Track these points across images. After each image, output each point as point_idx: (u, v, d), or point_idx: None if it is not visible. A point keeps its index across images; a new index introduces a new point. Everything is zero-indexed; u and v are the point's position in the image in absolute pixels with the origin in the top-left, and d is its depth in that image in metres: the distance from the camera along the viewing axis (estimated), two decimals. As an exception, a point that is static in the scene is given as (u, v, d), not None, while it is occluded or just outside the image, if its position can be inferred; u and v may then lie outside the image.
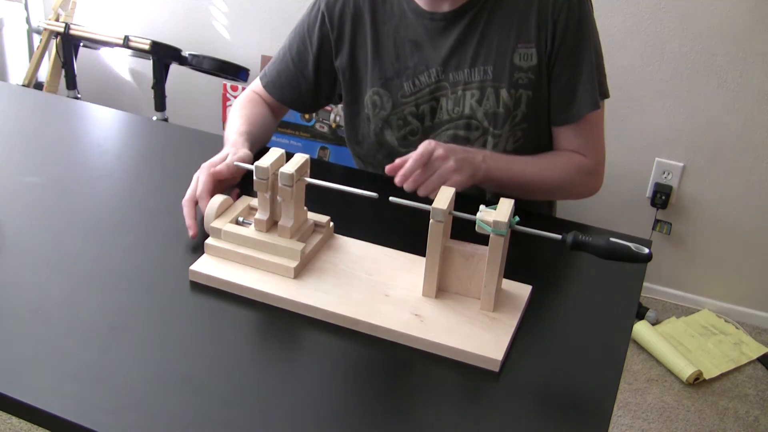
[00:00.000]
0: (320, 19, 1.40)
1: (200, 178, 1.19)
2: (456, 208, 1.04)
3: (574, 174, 1.40)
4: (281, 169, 1.07)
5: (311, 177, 1.11)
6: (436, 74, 1.36)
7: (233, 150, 1.24)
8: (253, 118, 1.41)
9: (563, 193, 1.45)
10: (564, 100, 1.36)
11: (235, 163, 1.19)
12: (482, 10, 1.34)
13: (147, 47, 2.53)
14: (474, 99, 1.35)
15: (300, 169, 1.08)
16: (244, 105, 1.46)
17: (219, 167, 1.19)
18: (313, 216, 1.16)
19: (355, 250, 1.15)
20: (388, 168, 1.20)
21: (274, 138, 2.59)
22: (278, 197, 1.10)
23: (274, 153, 1.10)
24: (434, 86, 1.37)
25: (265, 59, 2.70)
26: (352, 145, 1.51)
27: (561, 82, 1.35)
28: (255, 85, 1.52)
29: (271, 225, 1.12)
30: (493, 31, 1.34)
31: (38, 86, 2.83)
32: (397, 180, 1.20)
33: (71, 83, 2.75)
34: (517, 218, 1.01)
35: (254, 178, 1.08)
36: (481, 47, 1.34)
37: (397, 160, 1.20)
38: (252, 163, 1.09)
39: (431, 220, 1.01)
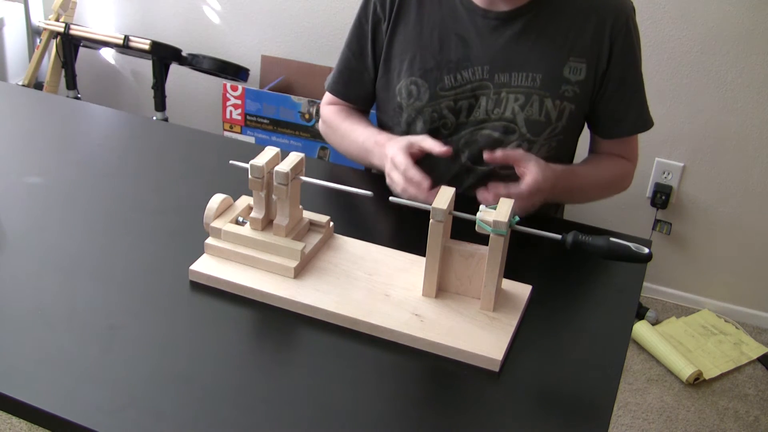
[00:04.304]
0: (372, 8, 1.40)
1: (398, 160, 1.24)
2: (456, 208, 1.04)
3: (620, 180, 1.47)
4: (276, 168, 1.07)
5: (309, 176, 1.11)
6: (480, 72, 1.35)
7: (397, 139, 1.30)
8: (360, 118, 1.47)
9: (606, 196, 1.49)
10: (616, 116, 1.39)
11: (230, 162, 1.18)
12: (538, 16, 1.33)
13: (147, 47, 2.53)
14: (518, 103, 1.34)
15: (295, 168, 1.08)
16: (339, 117, 1.48)
17: (419, 145, 1.26)
18: (312, 216, 1.16)
19: (355, 250, 1.15)
20: (490, 155, 1.24)
21: (274, 138, 2.60)
22: (273, 196, 1.10)
23: (270, 152, 1.10)
24: (477, 84, 1.35)
25: (265, 59, 2.70)
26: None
27: (614, 101, 1.38)
28: (325, 98, 1.54)
29: (267, 224, 1.12)
30: (546, 39, 1.33)
31: (38, 86, 2.82)
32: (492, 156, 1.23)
33: (71, 83, 2.75)
34: (517, 218, 1.01)
35: (249, 176, 1.08)
36: (532, 53, 1.33)
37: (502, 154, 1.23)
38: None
39: (431, 220, 1.01)
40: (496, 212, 0.99)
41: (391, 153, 1.26)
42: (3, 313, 1.01)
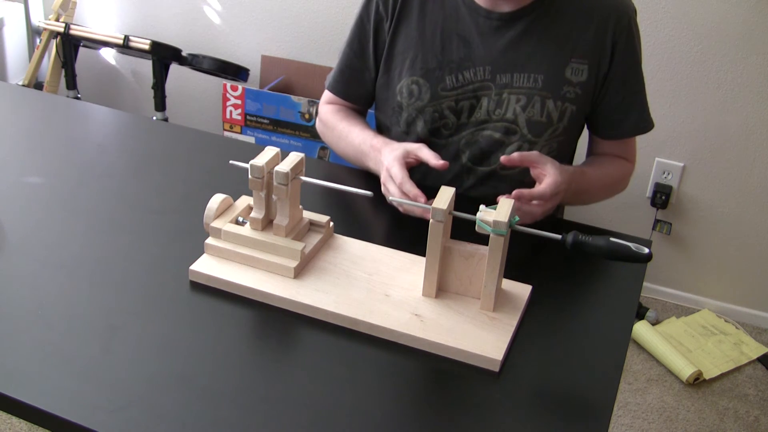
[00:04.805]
0: (374, 7, 1.40)
1: (394, 171, 1.22)
2: (456, 208, 1.04)
3: (620, 182, 1.48)
4: (276, 168, 1.07)
5: (309, 176, 1.11)
6: (482, 73, 1.35)
7: (393, 146, 1.28)
8: (358, 119, 1.46)
9: (605, 198, 1.50)
10: (617, 118, 1.40)
11: (230, 162, 1.19)
12: (540, 17, 1.33)
13: (147, 47, 2.53)
14: (519, 104, 1.34)
15: (295, 168, 1.08)
16: (336, 117, 1.47)
17: (417, 155, 1.24)
18: (312, 216, 1.16)
19: (354, 250, 1.15)
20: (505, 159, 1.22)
21: (274, 138, 2.60)
22: (273, 196, 1.10)
23: (270, 152, 1.10)
24: (479, 84, 1.35)
25: (265, 59, 2.70)
26: (382, 133, 1.51)
27: (615, 102, 1.38)
28: (325, 97, 1.53)
29: (267, 224, 1.12)
30: (548, 40, 1.33)
31: (38, 86, 2.82)
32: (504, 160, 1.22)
33: (71, 83, 2.75)
34: (517, 218, 1.01)
35: (249, 176, 1.08)
36: (534, 54, 1.33)
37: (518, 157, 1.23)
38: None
39: (431, 220, 1.01)
40: (496, 212, 0.99)
41: (387, 162, 1.25)
42: (3, 313, 1.01)
